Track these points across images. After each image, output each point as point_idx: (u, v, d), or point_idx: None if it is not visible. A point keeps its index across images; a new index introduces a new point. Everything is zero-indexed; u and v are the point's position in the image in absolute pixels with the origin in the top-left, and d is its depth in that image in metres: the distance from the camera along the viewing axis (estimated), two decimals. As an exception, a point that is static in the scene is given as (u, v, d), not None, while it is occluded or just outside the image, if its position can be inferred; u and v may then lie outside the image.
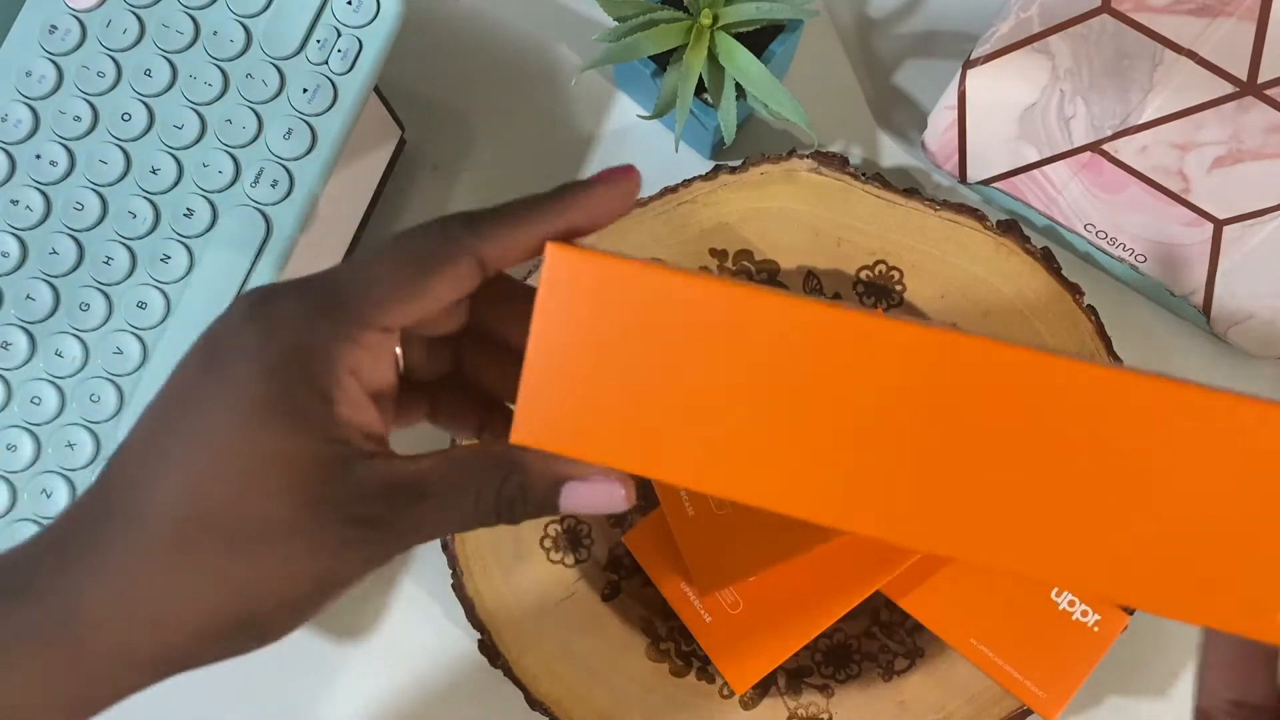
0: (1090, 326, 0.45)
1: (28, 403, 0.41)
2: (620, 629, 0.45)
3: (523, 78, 0.53)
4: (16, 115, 0.41)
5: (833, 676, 0.45)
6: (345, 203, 0.49)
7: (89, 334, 0.41)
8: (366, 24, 0.42)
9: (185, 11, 0.42)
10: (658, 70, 0.47)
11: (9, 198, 0.41)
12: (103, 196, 0.41)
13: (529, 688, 0.45)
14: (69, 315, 0.41)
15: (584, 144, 0.53)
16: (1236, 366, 0.50)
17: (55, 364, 0.41)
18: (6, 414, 0.41)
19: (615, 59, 0.43)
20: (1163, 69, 0.42)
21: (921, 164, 0.52)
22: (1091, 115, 0.44)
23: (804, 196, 0.46)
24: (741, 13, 0.43)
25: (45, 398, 0.41)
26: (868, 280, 0.47)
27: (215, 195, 0.42)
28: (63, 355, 0.41)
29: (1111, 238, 0.47)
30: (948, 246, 0.46)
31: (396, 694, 0.49)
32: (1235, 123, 0.42)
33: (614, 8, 0.44)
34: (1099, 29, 0.43)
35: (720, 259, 0.47)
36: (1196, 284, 0.46)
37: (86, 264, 0.41)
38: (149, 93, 0.42)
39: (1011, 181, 0.48)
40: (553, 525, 0.46)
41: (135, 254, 0.41)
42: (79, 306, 0.41)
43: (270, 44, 0.42)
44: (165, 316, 0.41)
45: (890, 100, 0.53)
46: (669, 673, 0.45)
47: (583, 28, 0.54)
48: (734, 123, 0.45)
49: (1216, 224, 0.44)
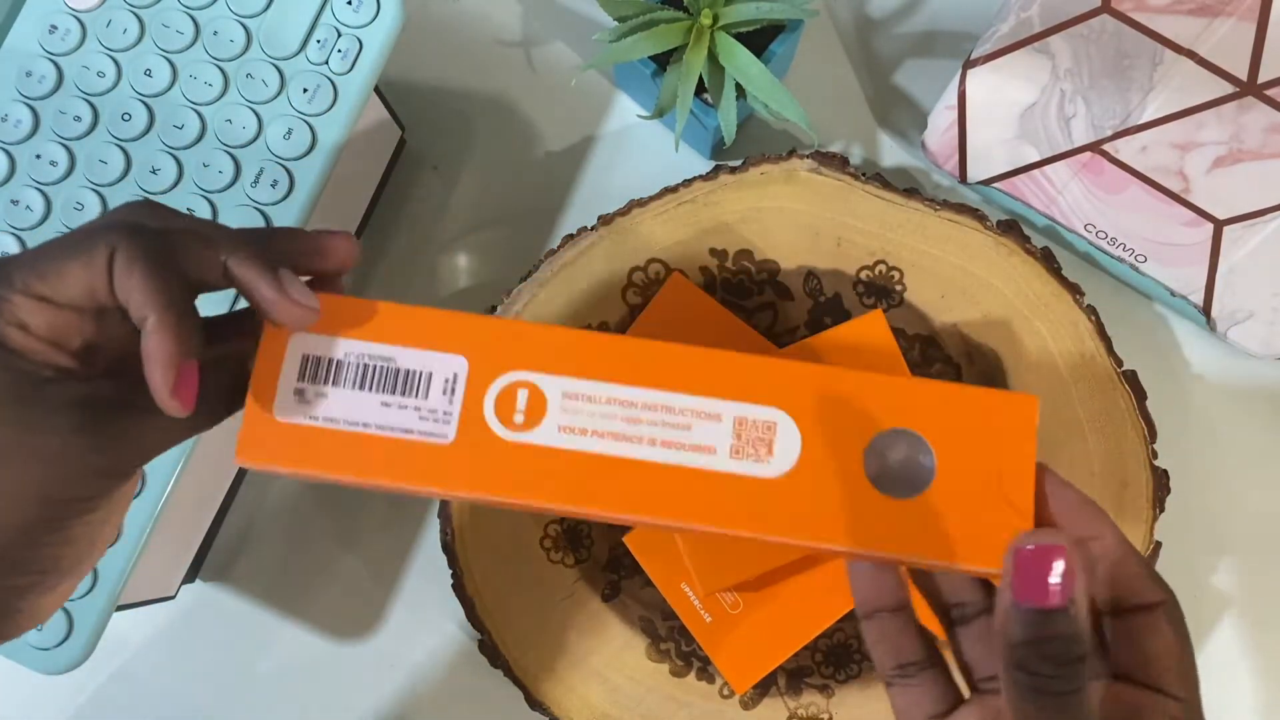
0: (1090, 326, 0.45)
1: (28, 403, 0.40)
2: (620, 629, 0.45)
3: (523, 78, 0.53)
4: (16, 115, 0.41)
5: (833, 676, 0.45)
6: (345, 203, 0.49)
7: (89, 334, 0.41)
8: (366, 24, 0.42)
9: (185, 11, 0.42)
10: (658, 70, 0.47)
11: (9, 198, 0.41)
12: (103, 196, 0.41)
13: (529, 688, 0.45)
14: (69, 315, 0.41)
15: (584, 144, 0.53)
16: (1236, 366, 0.50)
17: (55, 364, 0.41)
18: (6, 414, 0.41)
19: (615, 59, 0.43)
20: (1163, 69, 0.42)
21: (921, 164, 0.52)
22: (1091, 115, 0.44)
23: (804, 196, 0.46)
24: (741, 13, 0.43)
25: (45, 398, 0.41)
26: (868, 280, 0.47)
27: (215, 195, 0.42)
28: (63, 355, 0.41)
29: (1111, 238, 0.47)
30: (948, 246, 0.46)
31: (397, 694, 0.49)
32: (1235, 123, 0.42)
33: (614, 8, 0.44)
34: (1099, 29, 0.43)
35: (720, 259, 0.47)
36: (1196, 284, 0.46)
37: (86, 264, 0.41)
38: (149, 93, 0.42)
39: (1011, 181, 0.48)
40: (553, 525, 0.46)
41: (135, 254, 0.41)
42: (79, 306, 0.41)
43: (270, 44, 0.42)
44: (165, 316, 0.41)
45: (890, 100, 0.53)
46: (669, 673, 0.45)
47: (583, 28, 0.54)
48: (734, 123, 0.45)
49: (1216, 224, 0.44)
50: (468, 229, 0.52)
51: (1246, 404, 0.50)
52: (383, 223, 0.52)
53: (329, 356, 0.27)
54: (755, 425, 0.27)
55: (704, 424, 0.27)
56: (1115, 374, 0.45)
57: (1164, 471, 0.45)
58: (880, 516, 0.27)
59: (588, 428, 0.27)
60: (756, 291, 0.47)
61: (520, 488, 0.27)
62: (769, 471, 0.27)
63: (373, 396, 0.27)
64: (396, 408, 0.27)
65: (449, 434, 0.27)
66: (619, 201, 0.47)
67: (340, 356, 0.28)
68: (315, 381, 0.27)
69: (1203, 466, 0.50)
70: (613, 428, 0.27)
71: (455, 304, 0.52)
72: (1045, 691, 0.24)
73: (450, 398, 0.27)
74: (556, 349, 0.28)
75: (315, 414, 0.27)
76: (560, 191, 0.52)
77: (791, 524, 0.27)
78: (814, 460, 0.27)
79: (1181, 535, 0.47)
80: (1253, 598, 0.49)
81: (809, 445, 0.27)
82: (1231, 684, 0.49)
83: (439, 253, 0.52)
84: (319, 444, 0.27)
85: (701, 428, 0.27)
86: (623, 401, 0.27)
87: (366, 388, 0.27)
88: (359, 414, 0.27)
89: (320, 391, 0.27)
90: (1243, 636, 0.49)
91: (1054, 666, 0.24)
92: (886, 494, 0.27)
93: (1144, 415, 0.45)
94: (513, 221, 0.52)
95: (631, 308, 0.46)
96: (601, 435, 0.27)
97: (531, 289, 0.46)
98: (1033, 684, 0.24)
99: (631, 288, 0.47)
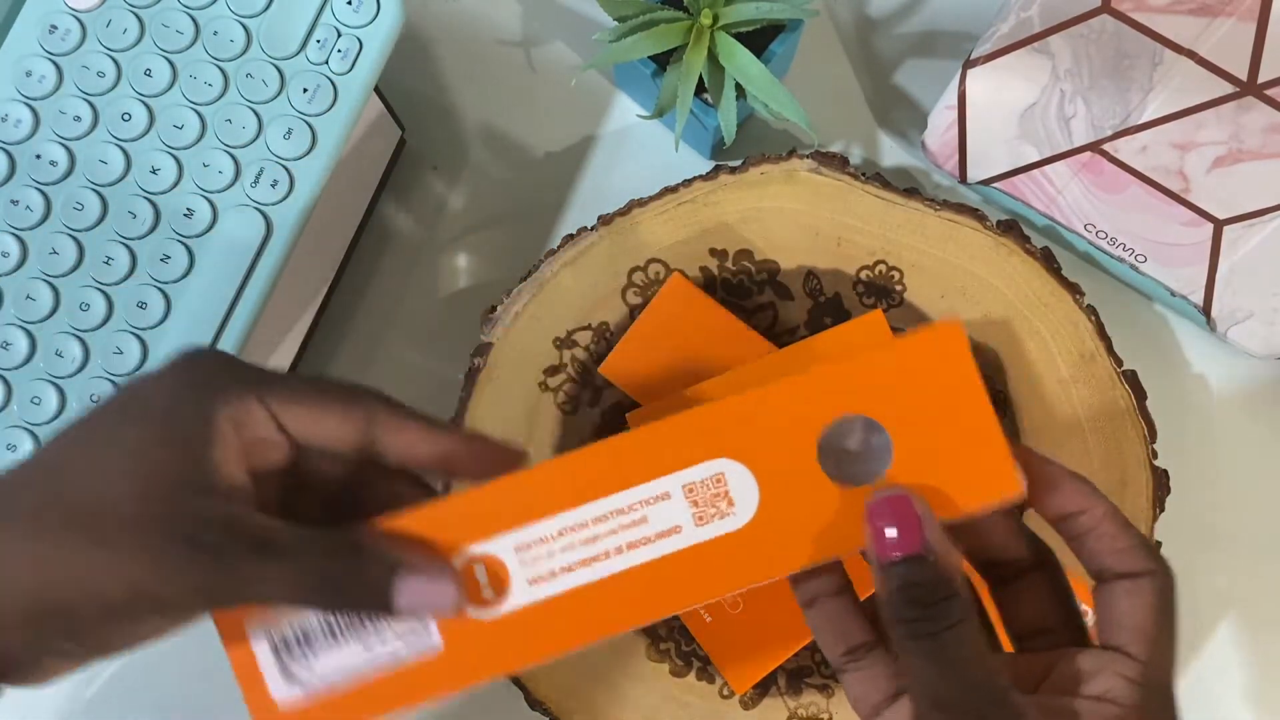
0: (1090, 326, 0.45)
1: (28, 403, 0.41)
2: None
3: (523, 78, 0.53)
4: (16, 115, 0.41)
5: (833, 676, 0.45)
6: (345, 203, 0.49)
7: (89, 334, 0.41)
8: (367, 24, 0.42)
9: (185, 11, 0.42)
10: (658, 70, 0.47)
11: (9, 198, 0.41)
12: (103, 196, 0.41)
13: (529, 688, 0.45)
14: (69, 315, 0.41)
15: (584, 144, 0.53)
16: (1236, 366, 0.50)
17: (55, 364, 0.41)
18: (6, 414, 0.41)
19: (615, 59, 0.43)
20: (1163, 69, 0.42)
21: (921, 164, 0.52)
22: (1091, 115, 0.44)
23: (804, 196, 0.46)
24: (741, 13, 0.43)
25: (45, 398, 0.41)
26: (868, 280, 0.47)
27: (215, 195, 0.42)
28: (63, 355, 0.41)
29: (1111, 238, 0.47)
30: (948, 246, 0.46)
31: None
32: (1235, 123, 0.42)
33: (614, 8, 0.44)
34: (1099, 29, 0.43)
35: (720, 259, 0.47)
36: (1196, 284, 0.46)
37: (86, 264, 0.41)
38: (149, 93, 0.42)
39: (1011, 181, 0.48)
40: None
41: (135, 254, 0.41)
42: (79, 306, 0.41)
43: (270, 44, 0.42)
44: (165, 316, 0.41)
45: (890, 100, 0.53)
46: (669, 673, 0.45)
47: (583, 28, 0.54)
48: (734, 123, 0.45)
49: (1216, 224, 0.44)
50: (468, 229, 0.52)
51: (1246, 404, 0.50)
52: (383, 223, 0.52)
53: (293, 628, 0.27)
54: (704, 485, 0.26)
55: (657, 508, 0.26)
56: (1115, 374, 0.45)
57: (1164, 471, 0.45)
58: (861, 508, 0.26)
59: (555, 568, 0.26)
60: (756, 291, 0.47)
61: (525, 654, 0.27)
62: (739, 521, 0.26)
63: (351, 643, 0.27)
64: (378, 643, 0.27)
65: (436, 643, 0.27)
66: (619, 201, 0.47)
67: (303, 622, 0.27)
68: (293, 656, 0.27)
69: (1203, 466, 0.49)
70: (577, 556, 0.26)
71: (455, 304, 0.52)
72: (920, 636, 0.24)
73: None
74: (483, 511, 0.27)
75: (312, 683, 0.27)
76: (560, 191, 0.52)
77: (784, 557, 0.26)
78: (775, 489, 0.26)
79: (1181, 535, 0.47)
80: (1252, 597, 0.49)
81: (762, 478, 0.26)
82: (1231, 684, 0.49)
83: (439, 253, 0.52)
84: (331, 707, 0.27)
85: (657, 513, 0.26)
86: (572, 527, 0.26)
87: (340, 638, 0.27)
88: (348, 664, 0.27)
89: (303, 663, 0.27)
90: (1242, 636, 0.49)
91: (921, 609, 0.24)
92: (860, 485, 0.26)
93: (1144, 415, 0.45)
94: (513, 221, 0.52)
95: (631, 308, 0.46)
96: (571, 569, 0.26)
97: (531, 289, 0.46)
98: (909, 632, 0.24)
99: (631, 288, 0.47)
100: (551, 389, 0.46)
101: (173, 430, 0.25)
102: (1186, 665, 0.49)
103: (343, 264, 0.50)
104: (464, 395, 0.46)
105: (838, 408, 0.26)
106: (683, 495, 0.26)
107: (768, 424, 0.26)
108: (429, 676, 0.27)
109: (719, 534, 0.26)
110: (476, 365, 0.46)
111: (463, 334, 0.49)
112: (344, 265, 0.50)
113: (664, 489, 0.26)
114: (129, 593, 0.24)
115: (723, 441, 0.26)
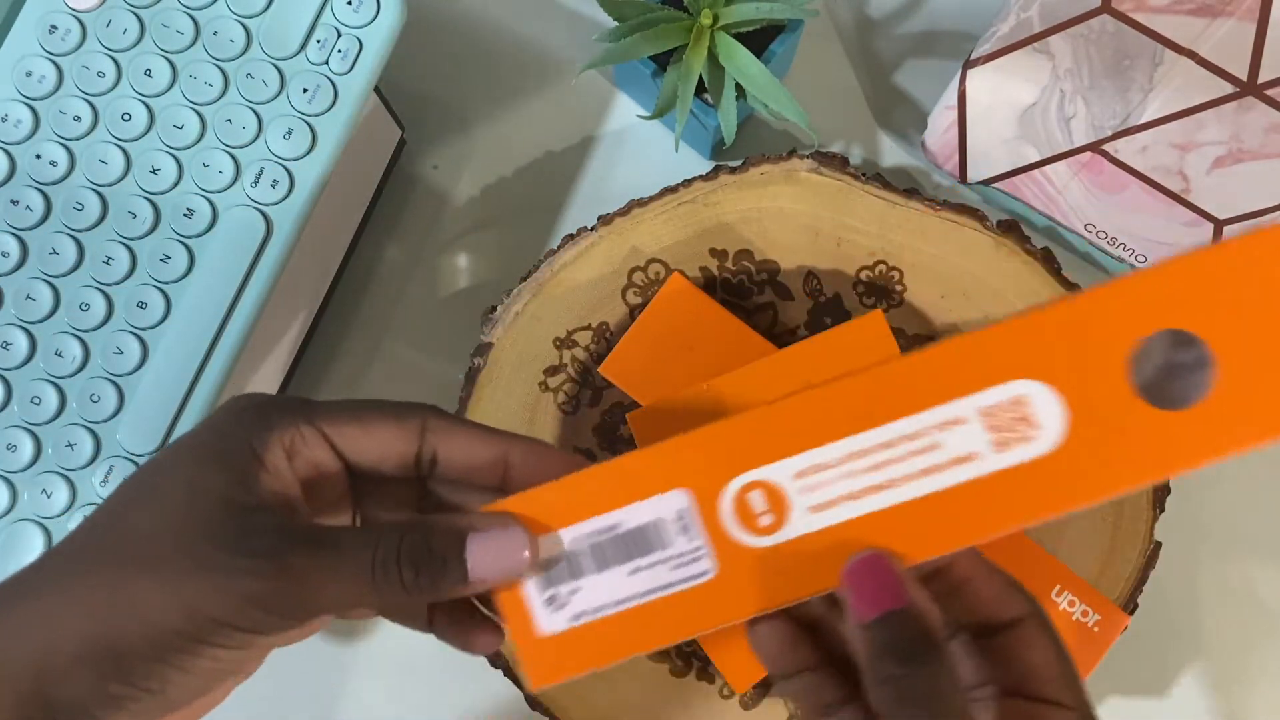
0: (1090, 326, 0.45)
1: (28, 403, 0.41)
2: (620, 629, 0.45)
3: (523, 78, 0.53)
4: (16, 115, 0.41)
5: (833, 676, 0.45)
6: (345, 203, 0.49)
7: (89, 334, 0.41)
8: (367, 24, 0.42)
9: (185, 11, 0.42)
10: (658, 70, 0.47)
11: (9, 198, 0.41)
12: (103, 196, 0.41)
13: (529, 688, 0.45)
14: (69, 315, 0.41)
15: (584, 144, 0.53)
16: (1236, 366, 0.50)
17: (55, 364, 0.41)
18: (6, 414, 0.41)
19: (615, 59, 0.43)
20: (1163, 69, 0.42)
21: (921, 164, 0.52)
22: (1091, 115, 0.44)
23: (804, 196, 0.46)
24: (741, 13, 0.43)
25: (45, 398, 0.41)
26: (868, 280, 0.47)
27: (215, 195, 0.42)
28: (63, 355, 0.41)
29: (1111, 238, 0.47)
30: (948, 246, 0.46)
31: (397, 694, 0.49)
32: (1235, 123, 0.42)
33: (614, 8, 0.44)
34: (1099, 29, 0.43)
35: (720, 259, 0.47)
36: (1196, 284, 0.46)
37: (86, 264, 0.41)
38: (149, 93, 0.42)
39: (1011, 181, 0.48)
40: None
41: (135, 254, 0.41)
42: (79, 306, 0.41)
43: (270, 44, 0.42)
44: (165, 316, 0.41)
45: (890, 100, 0.53)
46: (669, 673, 0.45)
47: (583, 28, 0.54)
48: (734, 123, 0.45)
49: (1216, 224, 0.44)
50: (468, 229, 0.52)
51: (1246, 404, 0.50)
52: (383, 222, 0.52)
53: (559, 554, 0.26)
54: (1003, 408, 0.24)
55: (950, 434, 0.24)
56: (1115, 374, 0.45)
57: (1164, 471, 0.45)
58: (1177, 431, 0.23)
59: (837, 496, 0.25)
60: (756, 292, 0.47)
61: (809, 583, 0.25)
62: (1044, 445, 0.24)
63: (619, 570, 0.26)
64: (646, 569, 0.26)
65: (710, 569, 0.25)
66: (619, 201, 0.47)
67: (568, 548, 0.26)
68: (560, 583, 0.26)
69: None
70: (862, 483, 0.25)
71: (455, 304, 0.52)
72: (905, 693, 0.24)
73: (689, 535, 0.26)
74: (762, 433, 0.25)
75: (578, 612, 0.26)
76: (560, 191, 0.52)
77: (1095, 485, 0.24)
78: (1085, 409, 0.23)
79: (1181, 535, 0.47)
80: (1252, 597, 0.49)
81: (1070, 397, 0.24)
82: (1231, 684, 0.49)
83: (439, 253, 0.52)
84: (596, 637, 0.26)
85: (950, 439, 0.24)
86: (856, 453, 0.25)
87: (609, 565, 0.26)
88: (616, 592, 0.26)
89: (570, 589, 0.26)
90: (1242, 636, 0.49)
91: (903, 665, 0.24)
92: (1179, 407, 0.23)
93: (1144, 415, 0.45)
94: (513, 221, 0.52)
95: (631, 308, 0.46)
96: (855, 497, 0.25)
97: (531, 289, 0.46)
98: (894, 693, 0.24)
99: (631, 288, 0.47)
100: (551, 389, 0.46)
101: (222, 460, 0.25)
102: (1190, 665, 0.49)
103: (343, 264, 0.50)
104: (464, 395, 0.46)
105: (1151, 322, 0.23)
106: (979, 420, 0.24)
107: (1073, 339, 0.24)
108: (702, 607, 0.25)
109: (1022, 460, 0.24)
110: (476, 365, 0.46)
111: (463, 334, 0.49)
112: (344, 265, 0.50)
113: (957, 414, 0.24)
114: (182, 614, 0.23)
115: (1022, 361, 0.24)
